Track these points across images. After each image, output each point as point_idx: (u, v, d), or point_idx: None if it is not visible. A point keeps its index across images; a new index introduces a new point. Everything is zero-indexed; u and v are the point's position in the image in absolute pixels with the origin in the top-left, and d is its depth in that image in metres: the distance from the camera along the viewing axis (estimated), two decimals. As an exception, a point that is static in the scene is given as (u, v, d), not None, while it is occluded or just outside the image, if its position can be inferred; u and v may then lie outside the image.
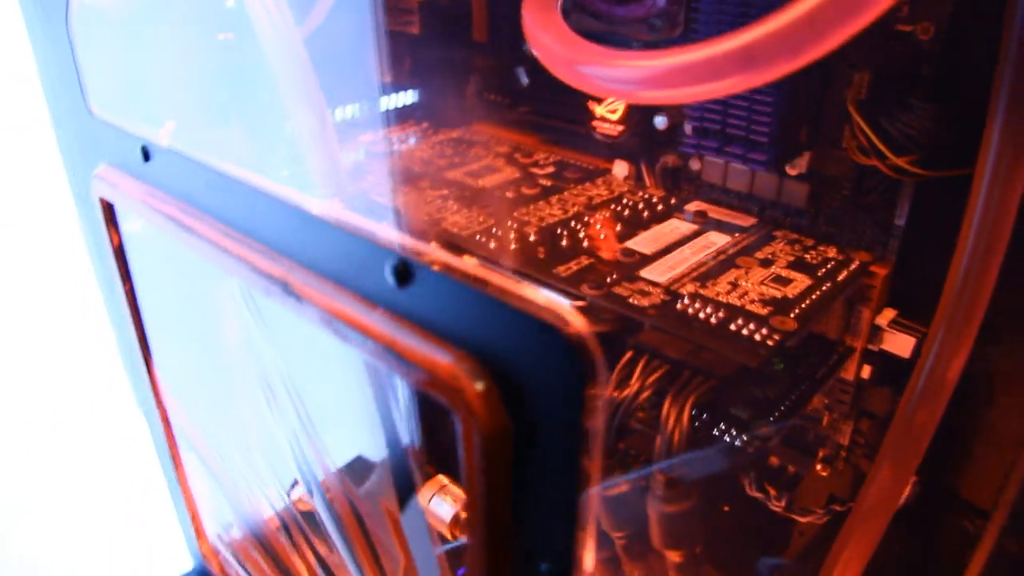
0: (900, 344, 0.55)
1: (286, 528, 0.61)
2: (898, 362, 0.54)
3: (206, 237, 0.43)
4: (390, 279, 0.32)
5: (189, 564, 0.95)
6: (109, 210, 0.56)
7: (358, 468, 0.61)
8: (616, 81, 0.40)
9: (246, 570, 0.70)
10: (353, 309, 0.35)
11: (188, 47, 0.64)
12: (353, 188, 0.68)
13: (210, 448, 0.66)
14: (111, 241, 0.59)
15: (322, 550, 0.59)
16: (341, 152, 0.56)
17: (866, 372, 0.58)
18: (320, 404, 0.60)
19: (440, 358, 0.31)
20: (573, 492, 0.29)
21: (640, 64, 0.39)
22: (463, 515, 0.56)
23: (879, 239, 0.56)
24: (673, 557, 0.46)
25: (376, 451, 0.59)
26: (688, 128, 0.59)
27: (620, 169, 0.71)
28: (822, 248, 0.56)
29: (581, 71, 0.41)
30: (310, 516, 0.57)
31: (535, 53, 0.43)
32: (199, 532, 0.76)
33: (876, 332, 0.56)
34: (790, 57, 0.40)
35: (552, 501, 0.31)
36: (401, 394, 0.55)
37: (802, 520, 0.60)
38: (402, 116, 0.88)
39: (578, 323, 0.26)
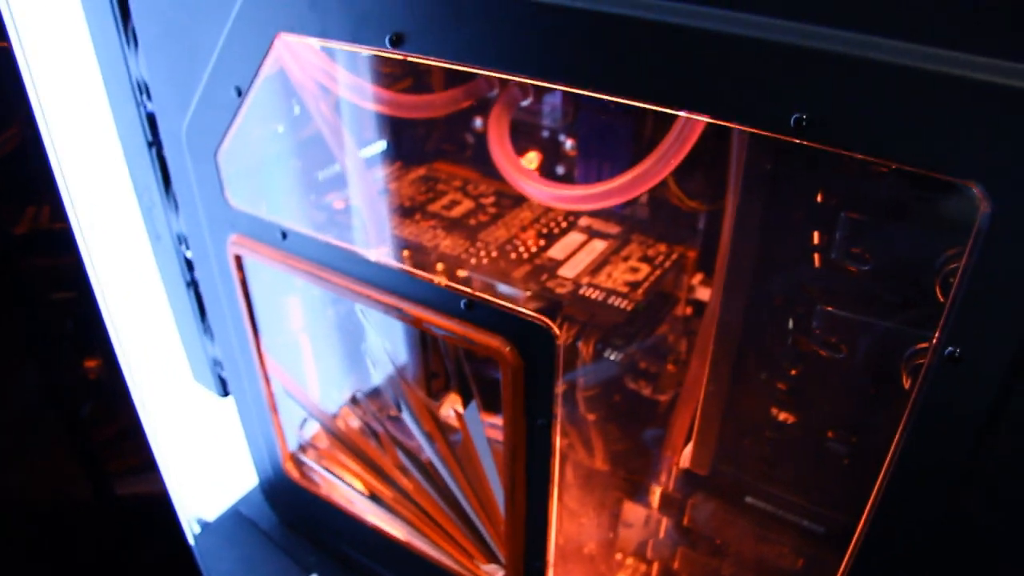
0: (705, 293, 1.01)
1: (373, 432, 1.04)
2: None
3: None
4: (462, 307, 0.74)
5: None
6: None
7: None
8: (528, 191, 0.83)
9: (330, 471, 1.11)
10: (440, 320, 0.76)
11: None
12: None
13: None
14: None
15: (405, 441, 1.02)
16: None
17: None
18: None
19: (491, 340, 0.73)
20: (551, 389, 0.72)
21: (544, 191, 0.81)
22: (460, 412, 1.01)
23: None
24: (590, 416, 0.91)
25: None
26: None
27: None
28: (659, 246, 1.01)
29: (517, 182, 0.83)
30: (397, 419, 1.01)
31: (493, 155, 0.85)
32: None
33: (692, 288, 1.01)
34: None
35: (539, 393, 0.74)
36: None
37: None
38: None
39: (545, 317, 0.68)
